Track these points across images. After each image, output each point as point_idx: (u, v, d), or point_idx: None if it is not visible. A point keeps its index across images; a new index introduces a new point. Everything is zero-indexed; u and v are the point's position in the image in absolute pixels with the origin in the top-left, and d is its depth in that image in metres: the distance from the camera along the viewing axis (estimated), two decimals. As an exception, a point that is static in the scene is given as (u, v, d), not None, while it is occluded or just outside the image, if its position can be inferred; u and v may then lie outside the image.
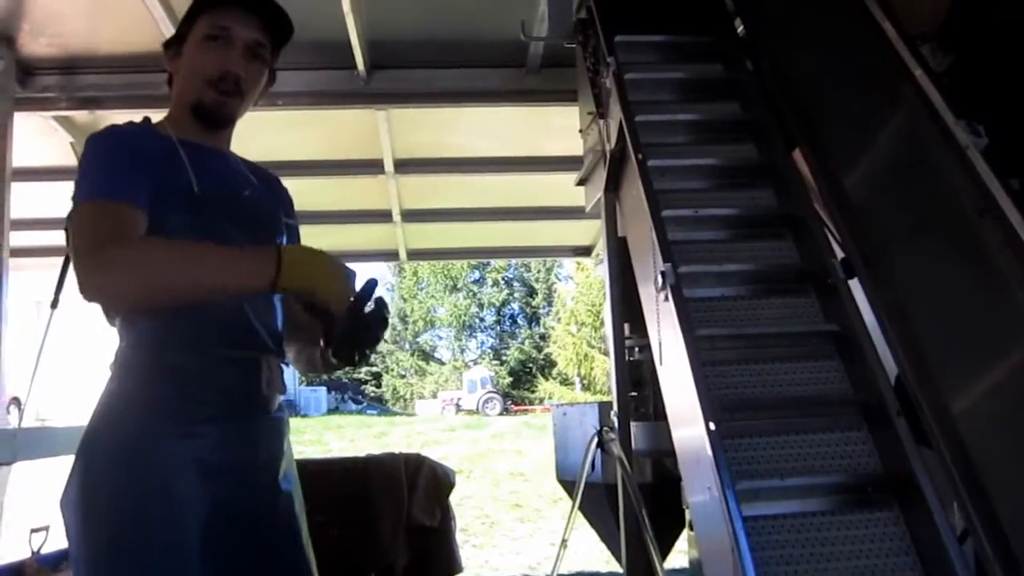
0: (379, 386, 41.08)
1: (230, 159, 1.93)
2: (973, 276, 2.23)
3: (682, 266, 2.40)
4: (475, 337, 43.26)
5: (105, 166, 1.72)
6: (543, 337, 39.30)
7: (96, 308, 1.72)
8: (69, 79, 4.20)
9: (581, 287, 33.63)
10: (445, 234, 6.89)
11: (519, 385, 39.15)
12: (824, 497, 2.17)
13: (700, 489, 2.13)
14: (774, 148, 2.85)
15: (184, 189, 1.74)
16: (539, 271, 41.37)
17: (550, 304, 40.30)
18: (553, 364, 36.65)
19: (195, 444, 1.68)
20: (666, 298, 2.33)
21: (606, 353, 30.35)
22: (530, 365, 39.67)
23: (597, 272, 6.35)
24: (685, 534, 3.13)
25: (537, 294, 41.30)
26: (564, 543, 3.18)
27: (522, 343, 40.37)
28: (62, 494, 1.69)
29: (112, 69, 4.16)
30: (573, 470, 3.53)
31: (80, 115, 4.45)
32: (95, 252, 1.60)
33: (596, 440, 3.01)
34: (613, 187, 3.05)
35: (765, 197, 2.80)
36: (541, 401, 35.86)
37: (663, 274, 2.34)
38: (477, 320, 42.20)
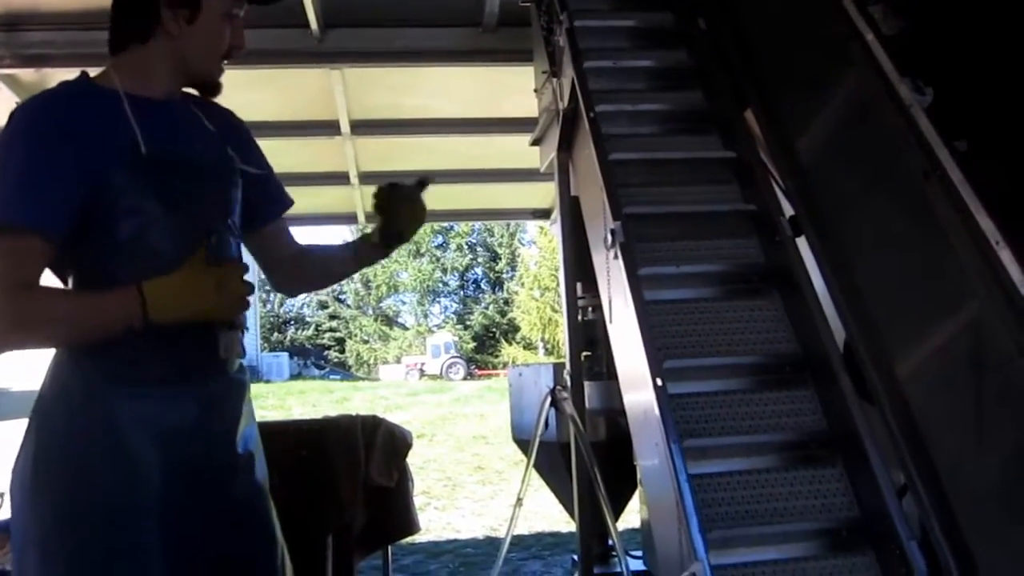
0: (342, 352, 40.99)
1: (182, 109, 1.87)
2: (920, 236, 2.26)
3: (628, 206, 2.42)
4: (439, 302, 43.27)
5: (21, 173, 1.63)
6: (507, 302, 39.40)
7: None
8: (12, 36, 4.08)
9: (544, 252, 33.66)
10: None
11: (483, 350, 39.28)
12: (770, 455, 2.21)
13: (648, 446, 2.16)
14: (723, 97, 2.88)
15: (130, 148, 1.68)
16: (502, 236, 41.35)
17: (514, 269, 40.37)
18: (517, 329, 36.76)
19: (146, 405, 1.67)
20: (616, 256, 2.34)
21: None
22: (494, 330, 39.77)
23: (552, 232, 6.35)
24: (638, 493, 3.17)
25: (500, 259, 41.31)
26: (519, 502, 3.21)
27: (486, 308, 40.44)
28: (12, 467, 1.68)
29: (57, 26, 4.04)
30: (528, 430, 3.55)
31: (26, 73, 4.33)
32: None
33: (549, 399, 3.03)
34: (566, 146, 3.05)
35: (713, 143, 2.83)
36: (504, 366, 35.96)
37: (613, 232, 2.35)
38: (441, 285, 42.20)
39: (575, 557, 3.96)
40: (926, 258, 2.24)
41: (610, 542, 3.47)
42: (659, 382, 2.06)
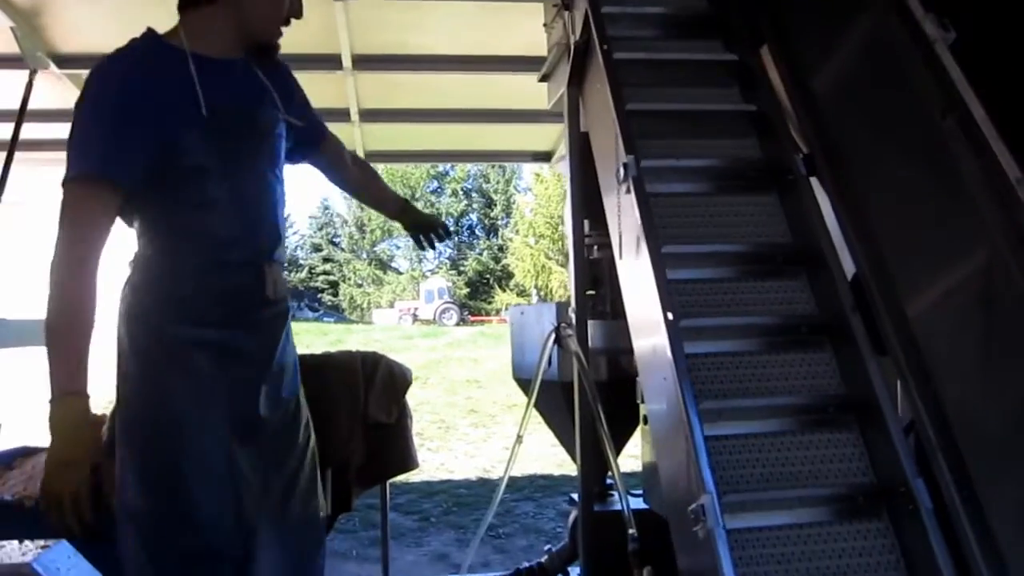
0: (336, 295, 40.99)
1: (243, 66, 2.09)
2: (935, 177, 2.23)
3: (644, 161, 2.37)
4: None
5: (99, 131, 1.89)
6: (501, 249, 39.36)
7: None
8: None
9: (540, 199, 33.56)
10: (404, 135, 6.74)
11: (476, 296, 39.35)
12: (785, 418, 2.21)
13: (656, 382, 2.16)
14: (741, 45, 2.81)
15: (194, 109, 1.92)
16: (498, 182, 41.16)
17: (508, 216, 40.25)
18: (511, 276, 36.78)
19: (207, 336, 1.98)
20: (627, 190, 2.31)
21: (566, 255, 30.39)
22: (487, 276, 39.80)
23: (558, 169, 6.28)
24: (639, 438, 3.17)
25: (496, 205, 41.15)
26: (519, 439, 3.20)
27: (480, 254, 40.41)
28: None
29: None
30: (529, 369, 3.54)
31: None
32: (60, 250, 1.86)
33: (553, 337, 3.01)
34: (577, 81, 2.99)
35: (731, 95, 2.77)
36: (498, 312, 36.10)
37: (625, 166, 2.32)
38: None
39: (573, 496, 3.98)
40: (942, 199, 2.22)
41: (609, 481, 3.48)
42: (670, 316, 2.05)
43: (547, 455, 8.06)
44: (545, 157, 7.04)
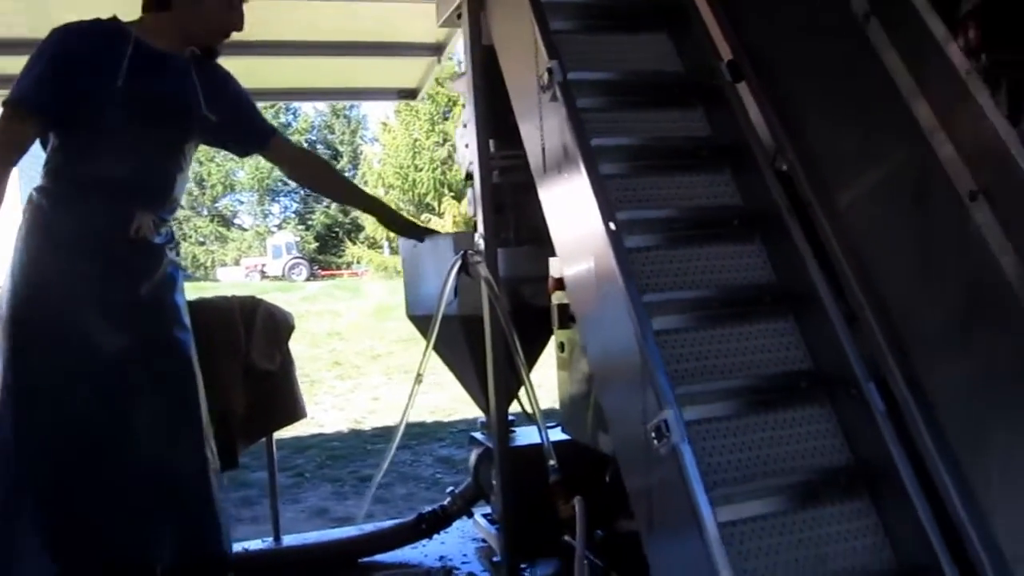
0: (177, 254, 39.04)
1: (179, 60, 2.60)
2: (860, 77, 2.19)
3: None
4: (278, 202, 41.73)
5: (38, 67, 2.44)
6: (349, 201, 38.41)
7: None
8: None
9: (388, 149, 32.82)
10: (254, 71, 6.25)
11: (326, 250, 38.44)
12: (721, 309, 2.15)
13: (595, 298, 2.03)
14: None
15: (115, 76, 2.42)
16: (343, 133, 40.11)
17: (355, 167, 39.19)
18: (361, 228, 36.01)
19: (78, 261, 2.47)
20: (553, 98, 2.16)
21: (419, 203, 30.06)
22: (336, 230, 38.88)
23: (455, 88, 5.98)
24: (555, 364, 3.04)
25: (342, 156, 40.02)
26: (419, 378, 3.02)
27: (327, 207, 39.24)
28: None
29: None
30: (426, 304, 3.36)
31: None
32: None
33: (458, 266, 2.83)
34: (478, -10, 2.80)
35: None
36: (349, 266, 35.41)
37: (549, 71, 2.16)
38: (280, 184, 40.50)
39: (474, 435, 3.86)
40: (867, 97, 2.18)
41: (511, 417, 3.36)
42: (612, 226, 1.92)
43: (418, 404, 7.94)
44: (411, 94, 6.74)
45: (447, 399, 8.42)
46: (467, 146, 3.28)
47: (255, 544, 3.88)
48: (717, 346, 2.08)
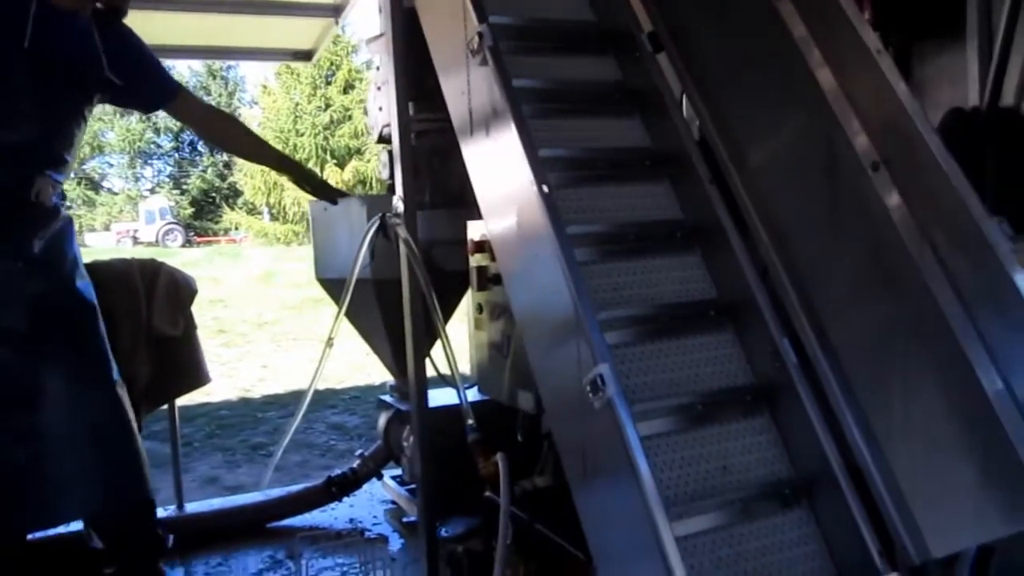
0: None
1: (82, 20, 2.55)
2: (772, 53, 2.30)
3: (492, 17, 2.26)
4: (151, 165, 39.98)
5: None
6: (227, 165, 37.16)
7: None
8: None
9: (268, 112, 31.93)
10: (138, 25, 6.00)
11: (202, 216, 37.15)
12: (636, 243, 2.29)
13: (526, 256, 2.09)
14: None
15: (20, 38, 2.39)
16: (220, 95, 38.69)
17: (234, 130, 37.96)
18: (239, 193, 34.96)
19: None
20: (483, 61, 2.18)
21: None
22: (213, 195, 37.62)
23: (370, 50, 5.78)
24: (469, 326, 3.09)
25: (219, 119, 38.64)
26: (330, 342, 3.02)
27: (204, 171, 37.96)
28: None
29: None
30: (338, 267, 3.35)
31: None
32: None
33: (375, 228, 2.83)
34: (400, -49, 2.78)
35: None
36: (226, 232, 34.39)
37: (480, 35, 2.18)
38: (153, 147, 38.88)
39: (383, 398, 3.88)
40: (770, 65, 2.29)
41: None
42: (545, 189, 1.97)
43: (309, 371, 7.86)
44: (306, 56, 6.60)
45: (339, 366, 8.37)
46: (380, 109, 3.27)
47: (158, 512, 3.80)
48: (632, 278, 2.24)
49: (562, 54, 2.50)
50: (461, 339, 3.33)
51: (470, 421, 2.73)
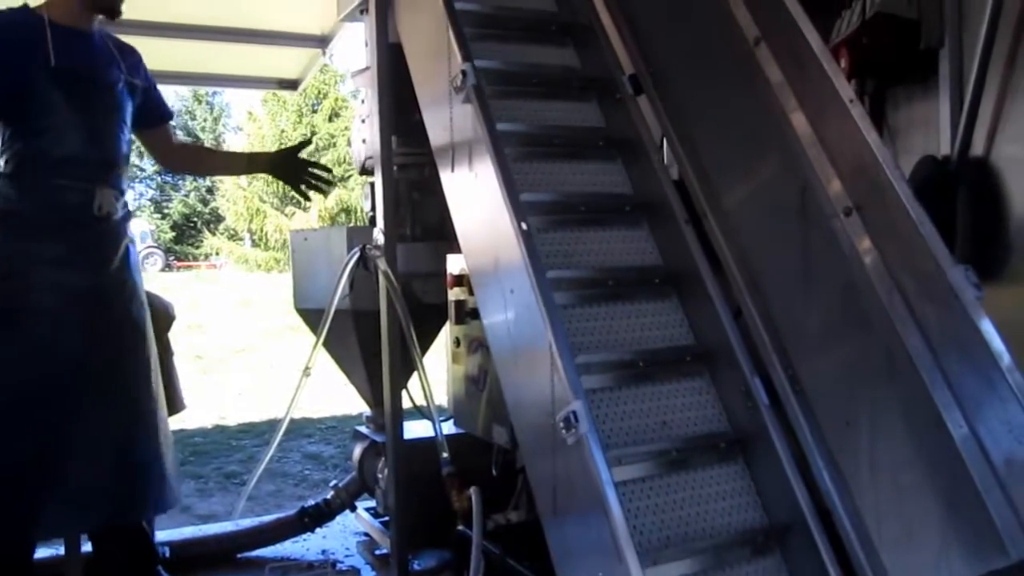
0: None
1: (96, 37, 2.69)
2: (750, 98, 2.35)
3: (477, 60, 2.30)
4: (132, 188, 39.81)
5: None
6: (209, 190, 37.04)
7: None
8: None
9: (253, 138, 31.92)
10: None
11: (183, 240, 36.98)
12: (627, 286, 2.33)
13: (502, 293, 2.11)
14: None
15: (44, 61, 2.51)
16: (205, 120, 38.72)
17: (217, 156, 37.95)
18: (221, 219, 34.82)
19: (39, 248, 2.53)
20: (466, 99, 2.22)
21: (283, 197, 29.35)
22: (195, 219, 37.47)
23: (355, 83, 5.79)
24: (447, 359, 3.10)
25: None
26: (307, 371, 3.02)
27: (186, 196, 37.86)
28: None
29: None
30: (317, 297, 3.36)
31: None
32: None
33: (355, 259, 2.85)
34: (386, -12, 2.82)
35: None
36: (207, 257, 34.20)
37: (464, 73, 2.22)
38: (136, 170, 38.68)
39: (359, 428, 3.87)
40: (749, 114, 2.35)
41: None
42: (524, 226, 2.00)
43: (285, 400, 7.82)
44: (292, 85, 6.64)
45: (315, 397, 8.32)
46: (364, 141, 3.30)
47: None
48: (609, 323, 2.30)
49: (546, 98, 2.55)
50: (439, 372, 3.34)
51: (445, 454, 2.74)
